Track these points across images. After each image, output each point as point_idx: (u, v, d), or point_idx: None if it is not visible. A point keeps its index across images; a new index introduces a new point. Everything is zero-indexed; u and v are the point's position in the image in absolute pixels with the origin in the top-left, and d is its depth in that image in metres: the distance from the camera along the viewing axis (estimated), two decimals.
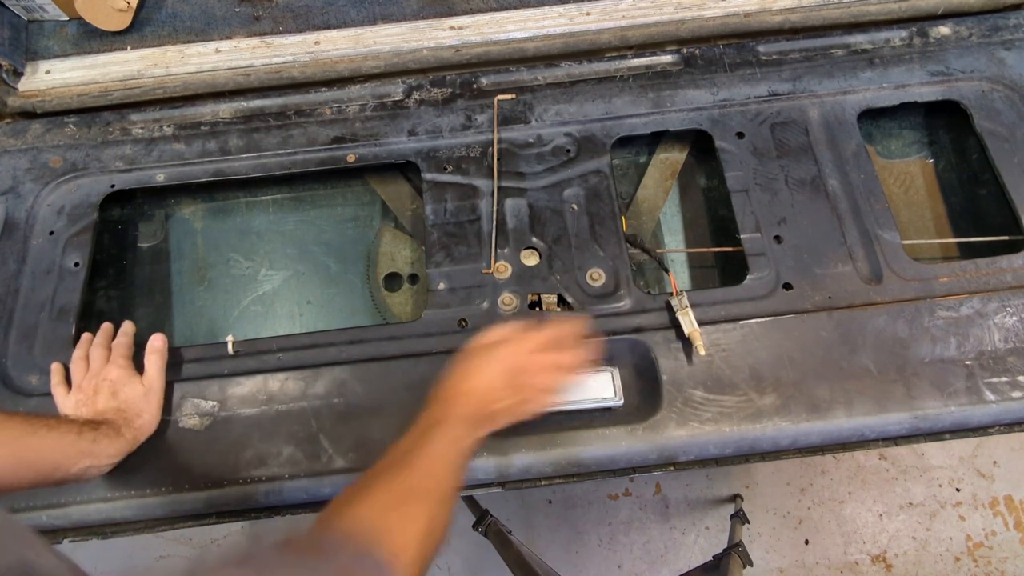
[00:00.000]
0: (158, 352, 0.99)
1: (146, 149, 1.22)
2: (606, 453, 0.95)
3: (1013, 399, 0.93)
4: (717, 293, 1.03)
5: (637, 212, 1.30)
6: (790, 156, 1.13)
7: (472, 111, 1.22)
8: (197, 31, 1.35)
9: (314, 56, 1.30)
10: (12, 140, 1.24)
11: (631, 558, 2.02)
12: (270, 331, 1.30)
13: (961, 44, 1.22)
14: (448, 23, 1.32)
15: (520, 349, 0.84)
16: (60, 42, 1.35)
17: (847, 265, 1.04)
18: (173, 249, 1.35)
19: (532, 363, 0.84)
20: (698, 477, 2.11)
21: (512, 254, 1.08)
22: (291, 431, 0.97)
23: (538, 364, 0.84)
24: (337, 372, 1.01)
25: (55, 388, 0.98)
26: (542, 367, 0.84)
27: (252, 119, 1.24)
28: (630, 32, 1.28)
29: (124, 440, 0.91)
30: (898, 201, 1.31)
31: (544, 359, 0.84)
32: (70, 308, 1.08)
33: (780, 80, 1.20)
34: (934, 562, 1.98)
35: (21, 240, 1.13)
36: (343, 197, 1.38)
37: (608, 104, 1.20)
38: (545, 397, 0.85)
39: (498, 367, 0.83)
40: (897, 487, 2.07)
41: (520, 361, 0.83)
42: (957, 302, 1.00)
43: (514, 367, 0.83)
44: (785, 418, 0.94)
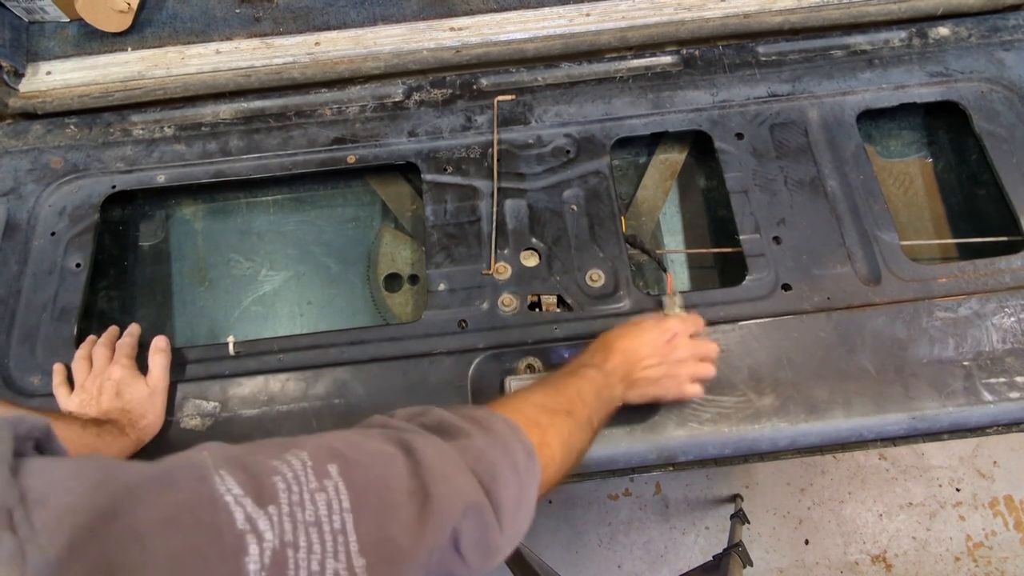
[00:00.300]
0: (163, 352, 0.99)
1: (147, 150, 1.22)
2: (606, 453, 0.95)
3: (1011, 399, 0.94)
4: (716, 294, 1.03)
5: (637, 213, 1.30)
6: (789, 157, 1.13)
7: (472, 112, 1.22)
8: (197, 32, 1.36)
9: (314, 57, 1.31)
10: (13, 141, 1.24)
11: (631, 558, 2.02)
12: (271, 332, 1.30)
13: (960, 45, 1.22)
14: (448, 24, 1.33)
15: (681, 330, 0.89)
16: (61, 43, 1.36)
17: (846, 266, 1.04)
18: (174, 250, 1.35)
19: (688, 347, 0.89)
20: (698, 477, 2.11)
21: (512, 255, 1.08)
22: (292, 432, 0.97)
23: (692, 349, 0.89)
24: (338, 373, 1.01)
25: (57, 388, 0.98)
26: (694, 354, 0.89)
27: (252, 120, 1.25)
28: (630, 33, 1.28)
29: (129, 440, 0.91)
30: (897, 202, 1.31)
31: (699, 347, 0.90)
32: (72, 309, 1.08)
33: (780, 81, 1.21)
34: (934, 562, 1.99)
35: (23, 241, 1.14)
36: (343, 198, 1.38)
37: (608, 105, 1.21)
38: (688, 384, 0.89)
39: (656, 337, 0.87)
40: (897, 487, 2.07)
41: (678, 341, 0.88)
42: (955, 303, 1.00)
43: (672, 344, 0.87)
44: (784, 418, 0.94)
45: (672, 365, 0.87)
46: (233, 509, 0.40)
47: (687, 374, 0.89)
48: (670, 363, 0.87)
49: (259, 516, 0.40)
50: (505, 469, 0.58)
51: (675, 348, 0.88)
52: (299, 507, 0.42)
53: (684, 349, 0.88)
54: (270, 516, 0.40)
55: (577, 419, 0.72)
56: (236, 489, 0.41)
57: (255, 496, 0.41)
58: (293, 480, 0.43)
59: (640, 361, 0.86)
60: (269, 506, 0.41)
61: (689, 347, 0.89)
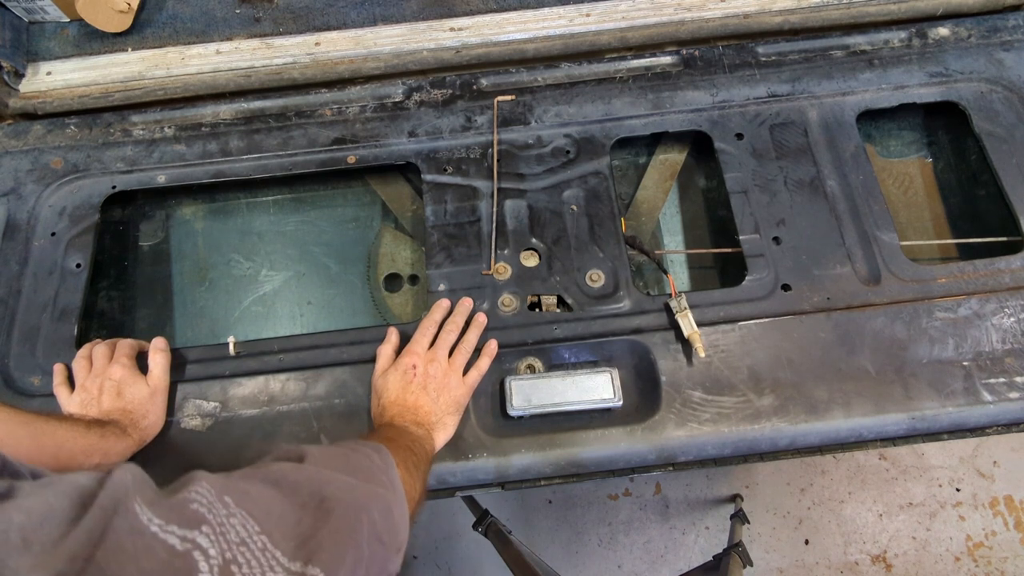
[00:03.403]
0: (163, 352, 0.99)
1: (147, 150, 1.22)
2: (605, 453, 0.95)
3: (1010, 400, 0.94)
4: (716, 294, 1.03)
5: (636, 213, 1.31)
6: (789, 157, 1.13)
7: (472, 112, 1.22)
8: (198, 32, 1.36)
9: (314, 57, 1.31)
10: (13, 141, 1.24)
11: (631, 558, 2.02)
12: (271, 332, 1.30)
13: (960, 45, 1.22)
14: (448, 24, 1.33)
15: (411, 355, 0.93)
16: (61, 43, 1.36)
17: (845, 266, 1.04)
18: (174, 250, 1.35)
19: (429, 363, 0.93)
20: (698, 477, 2.11)
21: (512, 255, 1.08)
22: (292, 432, 0.97)
23: (435, 360, 0.93)
24: (338, 373, 1.01)
25: (57, 388, 0.98)
26: (440, 360, 0.94)
27: (253, 120, 1.25)
28: (630, 33, 1.28)
29: (131, 440, 0.91)
30: (897, 202, 1.31)
31: (437, 354, 0.94)
32: (72, 309, 1.08)
33: (779, 81, 1.21)
34: (934, 562, 1.99)
35: (23, 241, 1.14)
36: (343, 198, 1.38)
37: (608, 105, 1.21)
38: (460, 381, 0.94)
39: (399, 379, 0.92)
40: (897, 487, 2.07)
41: (418, 366, 0.92)
42: (955, 303, 1.00)
43: (416, 373, 0.92)
44: (784, 419, 0.94)
45: (429, 388, 0.91)
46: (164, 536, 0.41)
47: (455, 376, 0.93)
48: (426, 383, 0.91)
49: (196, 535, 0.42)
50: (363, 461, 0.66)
51: (426, 371, 0.92)
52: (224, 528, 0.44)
53: (435, 366, 0.93)
54: (206, 534, 0.42)
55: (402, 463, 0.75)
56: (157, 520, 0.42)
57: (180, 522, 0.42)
58: (208, 506, 0.45)
59: (412, 406, 0.90)
60: (202, 526, 0.43)
61: (437, 360, 0.93)
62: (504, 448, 0.95)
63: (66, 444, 0.83)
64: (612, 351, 1.01)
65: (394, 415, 0.88)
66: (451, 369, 0.94)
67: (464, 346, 0.97)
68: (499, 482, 0.97)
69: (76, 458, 0.84)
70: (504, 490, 0.98)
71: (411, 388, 0.91)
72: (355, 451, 0.68)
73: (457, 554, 2.04)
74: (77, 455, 0.84)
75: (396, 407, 0.89)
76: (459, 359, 0.96)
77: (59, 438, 0.83)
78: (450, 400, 0.92)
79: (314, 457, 0.62)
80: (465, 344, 0.97)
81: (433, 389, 0.91)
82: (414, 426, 0.87)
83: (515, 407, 0.95)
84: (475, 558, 2.03)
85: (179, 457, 0.97)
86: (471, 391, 0.96)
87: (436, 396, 0.91)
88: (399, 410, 0.89)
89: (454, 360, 0.95)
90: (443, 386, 0.92)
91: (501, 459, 0.95)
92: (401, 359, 0.94)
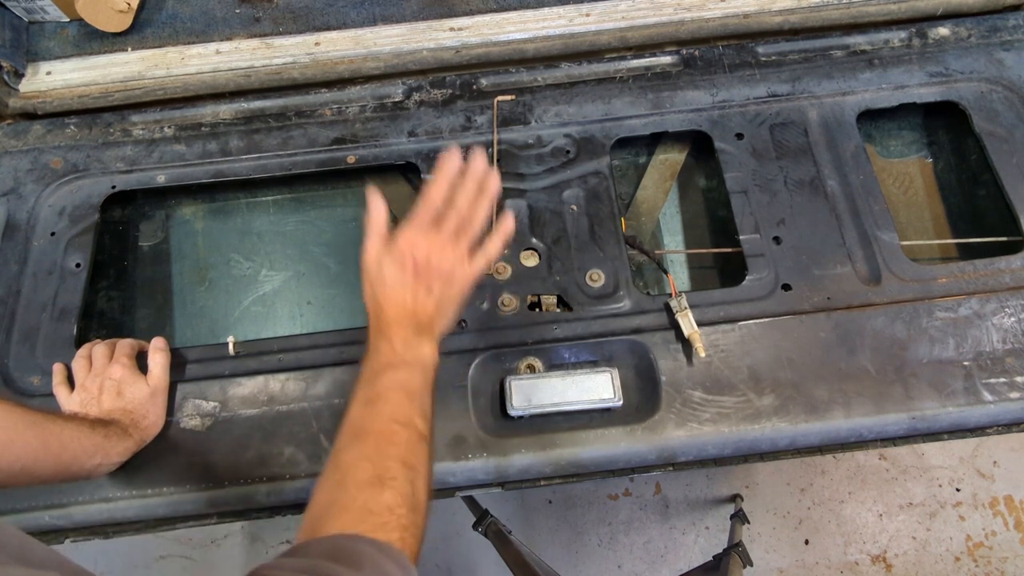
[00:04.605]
0: (162, 352, 0.99)
1: (147, 150, 1.22)
2: (605, 453, 0.95)
3: (1011, 400, 0.94)
4: (716, 294, 1.03)
5: (636, 213, 1.31)
6: (789, 157, 1.13)
7: (472, 112, 1.22)
8: (197, 32, 1.36)
9: (314, 57, 1.31)
10: (13, 141, 1.24)
11: (631, 558, 2.02)
12: (271, 332, 1.30)
13: (960, 45, 1.22)
14: (448, 24, 1.33)
15: (409, 239, 0.78)
16: (61, 43, 1.36)
17: (846, 266, 1.04)
18: (174, 250, 1.35)
19: (431, 247, 0.77)
20: (698, 477, 2.11)
21: (512, 255, 1.08)
22: (292, 432, 0.98)
23: (437, 244, 0.78)
24: (338, 373, 1.01)
25: (57, 388, 0.98)
26: (443, 244, 0.78)
27: (252, 120, 1.25)
28: (629, 33, 1.28)
29: (132, 440, 0.91)
30: (897, 202, 1.31)
31: (440, 235, 0.78)
32: (72, 309, 1.08)
33: (779, 81, 1.21)
34: (934, 562, 1.99)
35: (22, 241, 1.14)
36: (343, 198, 1.38)
37: (607, 105, 1.21)
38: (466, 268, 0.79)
39: (397, 271, 0.77)
40: (897, 487, 2.07)
41: (418, 253, 0.77)
42: (955, 303, 1.00)
43: (415, 262, 0.77)
44: (784, 419, 0.94)
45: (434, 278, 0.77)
46: None
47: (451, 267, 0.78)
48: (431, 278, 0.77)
49: None
50: None
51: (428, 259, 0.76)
52: None
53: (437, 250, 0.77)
54: None
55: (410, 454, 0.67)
56: None
57: None
58: None
59: (411, 306, 0.76)
60: None
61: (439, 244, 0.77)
62: (504, 448, 0.95)
63: (70, 445, 0.83)
64: (612, 351, 1.01)
65: (392, 319, 0.76)
66: (456, 256, 0.78)
67: (473, 224, 0.81)
68: (499, 482, 0.97)
69: (79, 458, 0.84)
70: (504, 490, 0.98)
71: (410, 283, 0.76)
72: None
73: (457, 554, 2.04)
74: (80, 455, 0.84)
75: (394, 308, 0.77)
76: (464, 241, 0.80)
77: (64, 439, 0.83)
78: (454, 295, 0.79)
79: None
80: (474, 222, 0.81)
81: (437, 286, 0.77)
82: (415, 337, 0.75)
83: (515, 407, 0.95)
84: (475, 558, 2.03)
85: (179, 457, 0.97)
86: (476, 278, 0.81)
87: (440, 293, 0.78)
88: (396, 313, 0.76)
89: (459, 243, 0.79)
90: (448, 280, 0.78)
91: (501, 459, 0.95)
92: (399, 243, 0.78)
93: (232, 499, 0.94)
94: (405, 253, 0.77)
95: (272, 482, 0.94)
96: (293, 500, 0.96)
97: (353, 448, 0.68)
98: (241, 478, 0.95)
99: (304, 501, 0.96)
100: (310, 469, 0.95)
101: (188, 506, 0.95)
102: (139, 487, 0.95)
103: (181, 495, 0.94)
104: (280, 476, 0.95)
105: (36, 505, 0.94)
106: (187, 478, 0.95)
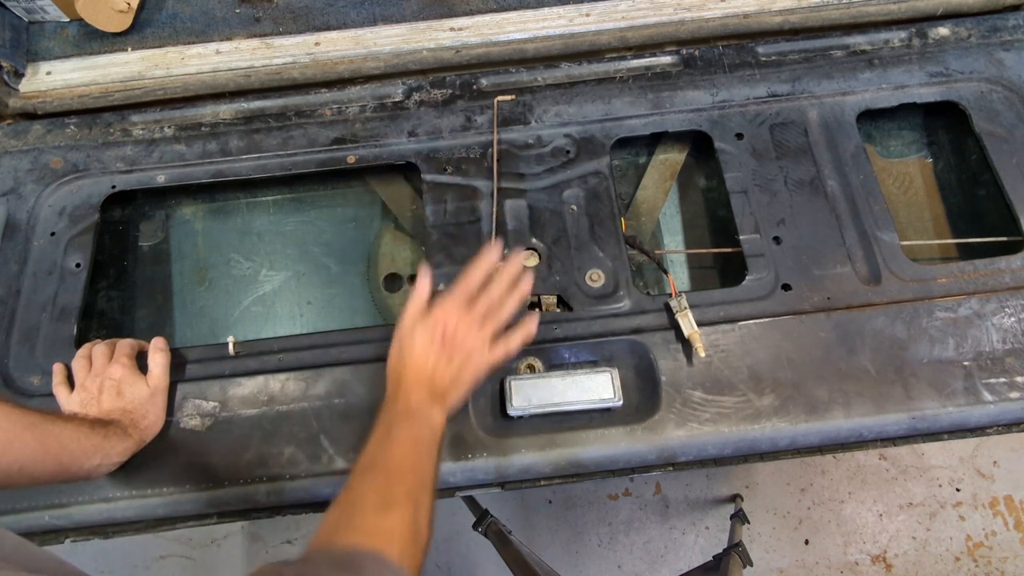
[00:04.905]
0: (162, 352, 0.99)
1: (147, 150, 1.22)
2: (605, 453, 0.95)
3: (1011, 400, 0.94)
4: (716, 294, 1.03)
5: (636, 213, 1.31)
6: (789, 157, 1.13)
7: (472, 112, 1.22)
8: (197, 32, 1.36)
9: (314, 57, 1.31)
10: (13, 141, 1.24)
11: (631, 558, 2.02)
12: (271, 332, 1.30)
13: (960, 45, 1.22)
14: (448, 24, 1.33)
15: (444, 312, 0.85)
16: (61, 43, 1.36)
17: (846, 266, 1.04)
18: (174, 250, 1.35)
19: (460, 323, 0.84)
20: (698, 477, 2.11)
21: (512, 255, 1.08)
22: (292, 432, 0.97)
23: (465, 322, 0.84)
24: (338, 373, 1.01)
25: (57, 388, 0.98)
26: (470, 324, 0.85)
27: (252, 120, 1.25)
28: (629, 33, 1.28)
29: (132, 440, 0.91)
30: (897, 202, 1.31)
31: (470, 315, 0.85)
32: (71, 309, 1.08)
33: (779, 81, 1.21)
34: (934, 562, 1.99)
35: (22, 241, 1.14)
36: (343, 198, 1.38)
37: (608, 105, 1.21)
38: (495, 351, 0.86)
39: (426, 338, 0.84)
40: (897, 487, 2.07)
41: (448, 326, 0.84)
42: (955, 303, 1.00)
43: (444, 333, 0.83)
44: (784, 419, 0.94)
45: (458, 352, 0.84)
46: None
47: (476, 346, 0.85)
48: (454, 351, 0.84)
49: None
50: None
51: (454, 333, 0.84)
52: None
53: (462, 325, 0.84)
54: None
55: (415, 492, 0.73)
56: None
57: None
58: None
59: (431, 372, 0.83)
60: None
61: (466, 321, 0.85)
62: (504, 448, 0.95)
63: (70, 446, 0.83)
64: (612, 351, 1.01)
65: (411, 382, 0.83)
66: (480, 339, 0.85)
67: (500, 314, 0.88)
68: (499, 482, 0.97)
69: (78, 459, 0.84)
70: (504, 490, 0.98)
71: (434, 351, 0.83)
72: None
73: (457, 554, 2.04)
74: (79, 456, 0.84)
75: (415, 370, 0.83)
76: (489, 327, 0.86)
77: (63, 440, 0.83)
78: (470, 374, 0.85)
79: None
80: (502, 313, 0.88)
81: (458, 359, 0.84)
82: (428, 401, 0.81)
83: (515, 407, 0.95)
84: (475, 558, 2.03)
85: (179, 457, 0.97)
86: (492, 368, 0.88)
87: (459, 367, 0.84)
88: (417, 376, 0.83)
89: (485, 328, 0.86)
90: (468, 357, 0.85)
91: (501, 459, 0.95)
92: (434, 314, 0.85)
93: (232, 499, 0.94)
94: (438, 322, 0.84)
95: (272, 482, 0.94)
96: (293, 500, 0.95)
97: (364, 478, 0.74)
98: (241, 478, 0.95)
99: (304, 501, 0.96)
100: (310, 469, 0.95)
101: (188, 506, 0.95)
102: (139, 487, 0.95)
103: (181, 495, 0.94)
104: (280, 476, 0.95)
105: (36, 505, 0.94)
106: (187, 478, 0.95)
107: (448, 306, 0.85)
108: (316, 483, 0.94)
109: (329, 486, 0.95)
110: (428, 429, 0.80)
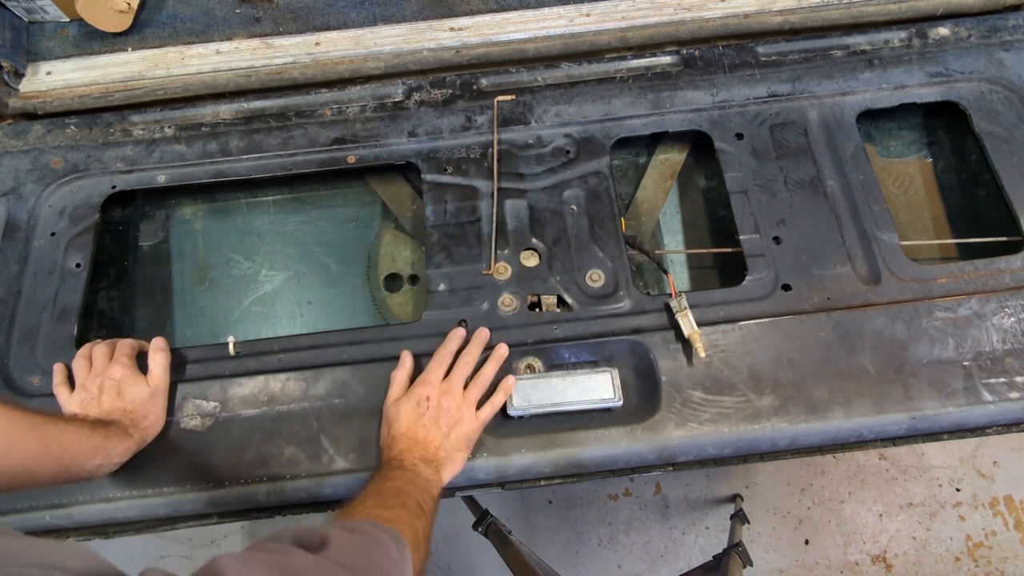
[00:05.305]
0: (163, 352, 0.99)
1: (147, 150, 1.22)
2: (605, 453, 0.95)
3: (1011, 400, 0.94)
4: (716, 294, 1.03)
5: (636, 213, 1.31)
6: (789, 157, 1.13)
7: (472, 112, 1.22)
8: (198, 32, 1.36)
9: (314, 57, 1.31)
10: (13, 141, 1.24)
11: (631, 558, 2.02)
12: (271, 332, 1.30)
13: (960, 45, 1.22)
14: (448, 24, 1.33)
15: (424, 385, 0.93)
16: (61, 43, 1.36)
17: (846, 266, 1.04)
18: (174, 250, 1.35)
19: (442, 394, 0.92)
20: (698, 477, 2.11)
21: (512, 255, 1.08)
22: (292, 432, 0.98)
23: (447, 391, 0.92)
24: (338, 373, 1.01)
25: (57, 388, 0.98)
26: (452, 392, 0.92)
27: (253, 120, 1.25)
28: (630, 33, 1.28)
29: (132, 440, 0.91)
30: (897, 202, 1.31)
31: (450, 385, 0.93)
32: (72, 309, 1.08)
33: (779, 81, 1.21)
34: (934, 562, 1.99)
35: (23, 241, 1.14)
36: (343, 198, 1.38)
37: (608, 105, 1.21)
38: (473, 417, 0.92)
39: (411, 409, 0.91)
40: (897, 487, 2.07)
41: (431, 396, 0.91)
42: (955, 303, 1.00)
43: (428, 403, 0.91)
44: (784, 419, 0.94)
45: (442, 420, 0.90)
46: None
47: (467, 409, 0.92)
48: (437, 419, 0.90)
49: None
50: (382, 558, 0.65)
51: (439, 402, 0.91)
52: None
53: (448, 397, 0.92)
54: None
55: (412, 509, 0.77)
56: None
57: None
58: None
59: (422, 439, 0.89)
60: None
61: (449, 392, 0.92)
62: (504, 448, 0.95)
63: (71, 447, 0.83)
64: (612, 351, 1.01)
65: (403, 449, 0.87)
66: (465, 403, 0.92)
67: (480, 380, 0.95)
68: (499, 482, 0.97)
69: (79, 460, 0.84)
70: (504, 490, 0.98)
71: (423, 421, 0.90)
72: (377, 544, 0.66)
73: (457, 554, 2.04)
74: (80, 457, 0.84)
75: (406, 440, 0.88)
76: (473, 393, 0.94)
77: (64, 441, 0.83)
78: (461, 435, 0.91)
79: (336, 546, 0.61)
80: (481, 378, 0.95)
81: (445, 424, 0.90)
82: (423, 464, 0.86)
83: (515, 407, 0.95)
84: (475, 558, 2.03)
85: (179, 457, 0.97)
86: (483, 427, 0.94)
87: (447, 431, 0.90)
88: (408, 444, 0.88)
89: (468, 393, 0.93)
90: (455, 421, 0.91)
91: (501, 459, 0.95)
92: (415, 389, 0.93)
93: (232, 499, 0.95)
94: (420, 395, 0.92)
95: (272, 482, 0.94)
96: (293, 500, 0.96)
97: (367, 500, 0.77)
98: (241, 478, 0.95)
99: (304, 501, 0.96)
100: (310, 469, 0.95)
101: (188, 506, 0.95)
102: (139, 487, 0.95)
103: (181, 495, 0.94)
104: (280, 476, 0.95)
105: (37, 505, 0.94)
106: (187, 478, 0.95)
107: (427, 379, 0.93)
108: (316, 483, 0.95)
109: (329, 487, 0.95)
110: (423, 479, 0.84)
